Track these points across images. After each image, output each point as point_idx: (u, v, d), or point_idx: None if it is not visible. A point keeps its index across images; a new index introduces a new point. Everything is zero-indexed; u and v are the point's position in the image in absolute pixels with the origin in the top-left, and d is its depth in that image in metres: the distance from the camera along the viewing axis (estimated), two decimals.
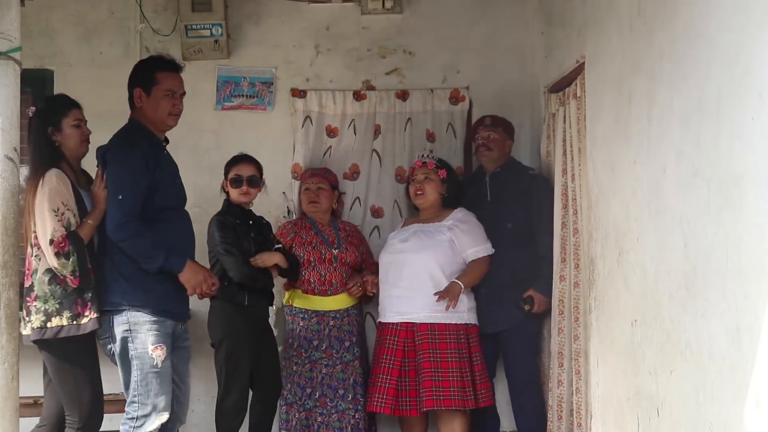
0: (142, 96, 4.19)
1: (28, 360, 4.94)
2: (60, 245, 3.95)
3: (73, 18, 5.87)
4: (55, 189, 4.03)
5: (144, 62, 4.37)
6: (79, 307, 4.02)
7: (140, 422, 4.00)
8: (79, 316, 4.01)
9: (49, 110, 4.26)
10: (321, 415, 5.19)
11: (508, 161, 5.42)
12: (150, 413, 4.00)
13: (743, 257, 2.65)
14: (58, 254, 3.95)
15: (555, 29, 5.24)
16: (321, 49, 5.92)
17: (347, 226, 5.54)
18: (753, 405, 2.60)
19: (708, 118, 2.92)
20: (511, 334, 5.17)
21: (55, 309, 4.00)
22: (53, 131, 4.19)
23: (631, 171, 3.73)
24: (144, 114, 4.21)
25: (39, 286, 4.03)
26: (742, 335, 2.65)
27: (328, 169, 5.59)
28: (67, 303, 4.01)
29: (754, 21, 2.60)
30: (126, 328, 4.01)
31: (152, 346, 4.00)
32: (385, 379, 5.04)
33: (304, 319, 5.27)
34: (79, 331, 4.01)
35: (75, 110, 4.27)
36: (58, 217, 3.99)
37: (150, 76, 4.19)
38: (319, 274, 5.28)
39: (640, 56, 3.62)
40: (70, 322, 4.00)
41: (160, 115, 4.19)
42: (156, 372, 4.00)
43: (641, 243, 3.59)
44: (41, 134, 4.17)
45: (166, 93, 4.19)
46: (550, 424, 4.99)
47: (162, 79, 4.20)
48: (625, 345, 3.77)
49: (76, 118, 4.25)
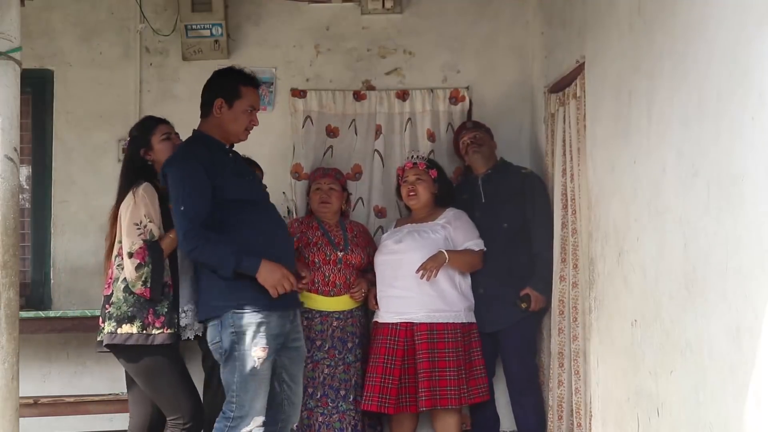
0: (223, 107, 4.15)
1: (28, 360, 4.96)
2: (139, 256, 4.07)
3: (73, 18, 5.87)
4: (140, 203, 4.14)
5: (226, 73, 4.29)
6: (150, 317, 4.10)
7: (235, 423, 3.97)
8: (150, 326, 4.09)
9: (138, 135, 4.39)
10: (322, 415, 5.19)
11: (497, 162, 5.43)
12: (245, 416, 3.97)
13: (743, 257, 2.65)
14: (139, 266, 4.07)
15: (555, 29, 5.24)
16: (321, 49, 5.92)
17: (355, 227, 5.52)
18: (753, 405, 2.60)
19: (708, 118, 2.92)
20: (508, 333, 5.17)
21: (127, 316, 4.10)
22: (145, 152, 4.31)
23: (631, 171, 3.73)
24: (220, 124, 4.17)
25: (116, 294, 4.14)
26: (742, 335, 2.65)
27: (338, 170, 5.58)
28: (139, 312, 4.09)
29: (753, 21, 2.61)
30: (232, 331, 3.97)
31: (255, 348, 3.96)
32: (387, 379, 5.05)
33: (308, 318, 5.26)
34: (148, 341, 4.09)
35: (161, 125, 4.38)
36: (140, 230, 4.10)
37: (234, 89, 4.16)
38: (324, 274, 5.28)
39: (640, 56, 3.62)
40: (140, 332, 4.08)
41: (236, 128, 4.18)
42: (254, 375, 3.96)
43: (641, 243, 3.59)
44: (134, 155, 4.33)
45: (246, 108, 4.18)
46: (550, 424, 4.99)
47: (246, 93, 4.18)
48: (625, 345, 3.77)
49: (163, 132, 4.35)
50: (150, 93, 5.83)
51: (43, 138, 5.83)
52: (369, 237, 5.58)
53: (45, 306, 5.67)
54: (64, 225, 5.74)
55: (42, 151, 5.82)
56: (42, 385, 5.53)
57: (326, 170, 5.52)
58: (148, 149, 4.32)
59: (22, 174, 5.51)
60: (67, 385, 5.59)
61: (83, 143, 5.79)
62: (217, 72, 4.32)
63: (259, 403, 3.98)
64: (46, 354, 5.66)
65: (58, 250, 5.74)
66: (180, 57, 5.81)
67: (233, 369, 3.98)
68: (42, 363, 5.63)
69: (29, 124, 5.79)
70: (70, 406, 5.24)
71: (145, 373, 4.17)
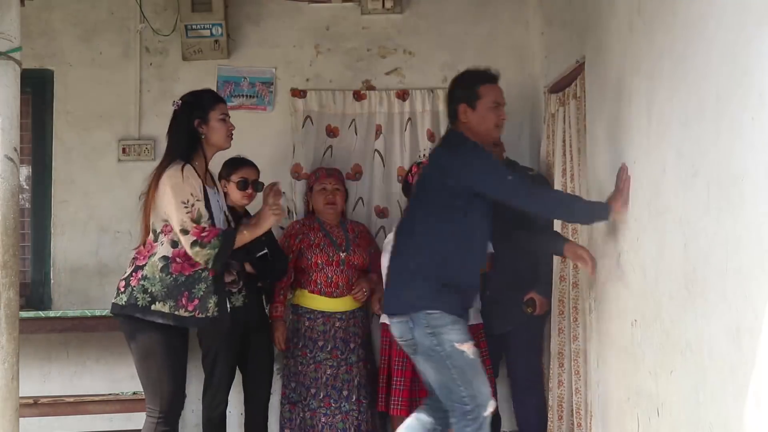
0: (467, 111, 4.15)
1: (28, 360, 4.97)
2: (200, 234, 3.91)
3: (73, 18, 5.87)
4: (186, 182, 3.96)
5: (463, 78, 4.29)
6: (184, 300, 3.95)
7: (475, 414, 3.95)
8: (181, 308, 3.95)
9: (195, 103, 4.15)
10: (325, 415, 5.20)
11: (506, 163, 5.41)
12: (482, 404, 3.96)
13: (743, 257, 2.65)
14: (195, 242, 3.91)
15: (555, 29, 5.24)
16: (321, 49, 5.93)
17: (356, 227, 5.52)
18: (753, 405, 2.60)
19: (708, 118, 2.92)
20: (516, 334, 5.17)
21: (161, 295, 3.93)
22: (200, 123, 4.11)
23: (631, 171, 3.73)
24: (470, 128, 4.16)
25: (150, 268, 3.97)
26: (742, 335, 2.65)
27: (339, 170, 5.57)
28: (173, 293, 3.95)
29: (753, 21, 2.60)
30: (429, 331, 3.96)
31: (458, 342, 3.95)
32: (399, 381, 5.11)
33: (310, 319, 5.27)
34: (174, 322, 3.94)
35: (221, 104, 4.19)
36: (187, 209, 3.92)
37: (473, 91, 4.15)
38: (326, 276, 5.28)
39: (640, 56, 3.62)
40: (171, 311, 3.93)
41: (486, 127, 4.16)
42: (470, 364, 3.95)
43: (641, 243, 3.59)
44: (186, 125, 4.10)
45: (491, 105, 4.16)
46: (551, 424, 4.99)
47: (485, 92, 4.16)
48: (625, 345, 3.77)
49: (222, 112, 4.16)
50: (150, 93, 5.84)
51: (43, 138, 5.83)
52: (370, 237, 5.58)
53: (45, 306, 5.68)
54: (64, 225, 5.74)
55: (42, 151, 5.83)
56: (42, 385, 5.53)
57: (330, 170, 5.51)
58: (203, 122, 4.11)
59: (22, 174, 5.51)
60: (67, 385, 5.59)
61: (83, 143, 5.79)
62: (453, 80, 4.32)
63: (485, 387, 3.99)
64: (46, 354, 5.66)
65: (58, 250, 5.74)
66: (180, 57, 5.81)
67: (444, 368, 3.96)
68: (42, 363, 5.64)
69: (29, 124, 5.79)
70: (70, 406, 5.23)
71: (138, 350, 4.01)
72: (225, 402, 5.08)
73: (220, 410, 5.06)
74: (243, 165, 5.10)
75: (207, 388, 5.05)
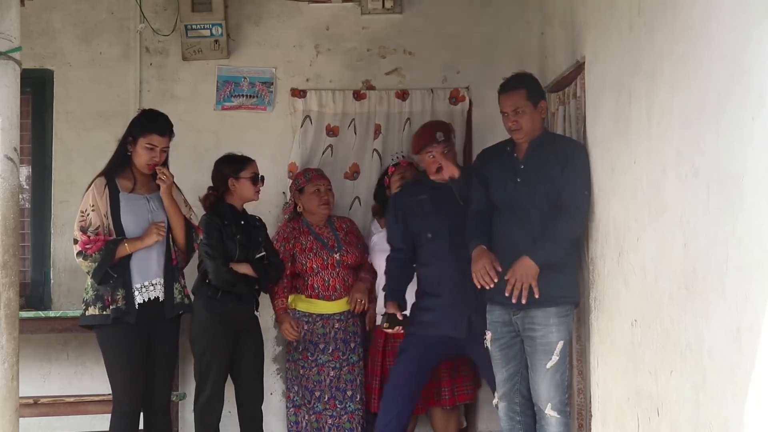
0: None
1: (28, 360, 4.96)
2: (84, 246, 4.40)
3: (73, 18, 5.87)
4: (89, 192, 4.46)
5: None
6: (108, 299, 4.40)
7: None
8: (106, 308, 4.40)
9: (136, 122, 4.62)
10: (331, 417, 5.20)
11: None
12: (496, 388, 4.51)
13: (743, 257, 2.65)
14: (79, 253, 4.42)
15: (555, 29, 5.23)
16: (321, 49, 5.92)
17: (344, 223, 5.49)
18: (753, 405, 2.60)
19: (708, 118, 2.92)
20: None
21: (91, 299, 4.44)
22: (131, 142, 4.55)
23: (631, 171, 3.72)
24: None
25: (86, 279, 4.51)
26: (742, 335, 2.65)
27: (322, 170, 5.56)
28: (99, 295, 4.42)
29: (754, 21, 2.60)
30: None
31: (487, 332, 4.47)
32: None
33: (309, 322, 5.26)
34: (103, 321, 4.40)
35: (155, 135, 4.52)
36: (82, 217, 4.44)
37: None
38: (323, 279, 5.27)
39: (640, 56, 3.62)
40: (100, 312, 4.40)
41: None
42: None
43: (641, 243, 3.59)
44: (123, 138, 4.61)
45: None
46: None
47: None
48: (625, 345, 3.77)
49: (150, 142, 4.52)
50: (150, 93, 5.83)
51: (43, 138, 5.83)
52: (358, 232, 5.56)
53: (45, 306, 5.68)
54: (64, 225, 5.73)
55: (42, 151, 5.83)
56: (42, 385, 5.54)
57: (320, 171, 5.49)
58: (133, 142, 4.54)
59: (22, 174, 5.51)
60: (67, 385, 5.60)
61: (83, 143, 5.79)
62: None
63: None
64: (46, 354, 5.66)
65: (58, 250, 5.74)
66: (180, 57, 5.81)
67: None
68: (42, 363, 5.64)
69: (29, 124, 5.79)
70: (70, 406, 5.24)
71: (102, 350, 4.53)
72: (220, 405, 4.99)
73: (217, 414, 4.97)
74: (249, 161, 5.10)
75: (200, 392, 4.96)
